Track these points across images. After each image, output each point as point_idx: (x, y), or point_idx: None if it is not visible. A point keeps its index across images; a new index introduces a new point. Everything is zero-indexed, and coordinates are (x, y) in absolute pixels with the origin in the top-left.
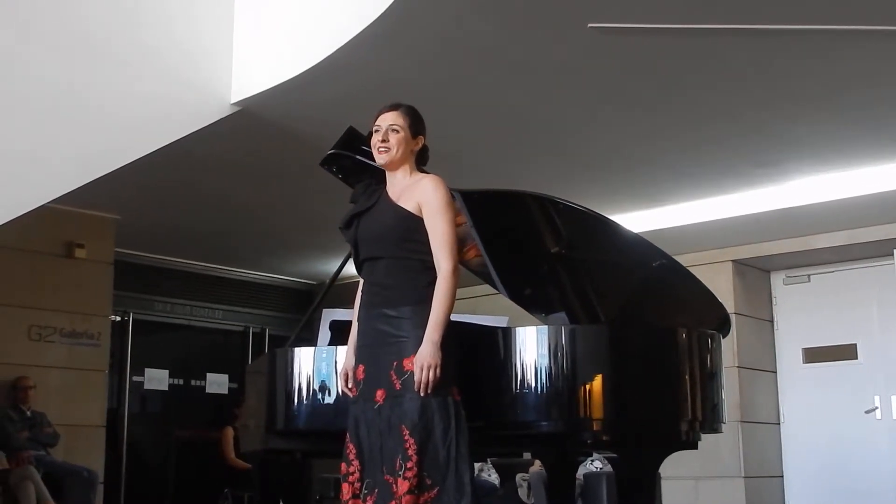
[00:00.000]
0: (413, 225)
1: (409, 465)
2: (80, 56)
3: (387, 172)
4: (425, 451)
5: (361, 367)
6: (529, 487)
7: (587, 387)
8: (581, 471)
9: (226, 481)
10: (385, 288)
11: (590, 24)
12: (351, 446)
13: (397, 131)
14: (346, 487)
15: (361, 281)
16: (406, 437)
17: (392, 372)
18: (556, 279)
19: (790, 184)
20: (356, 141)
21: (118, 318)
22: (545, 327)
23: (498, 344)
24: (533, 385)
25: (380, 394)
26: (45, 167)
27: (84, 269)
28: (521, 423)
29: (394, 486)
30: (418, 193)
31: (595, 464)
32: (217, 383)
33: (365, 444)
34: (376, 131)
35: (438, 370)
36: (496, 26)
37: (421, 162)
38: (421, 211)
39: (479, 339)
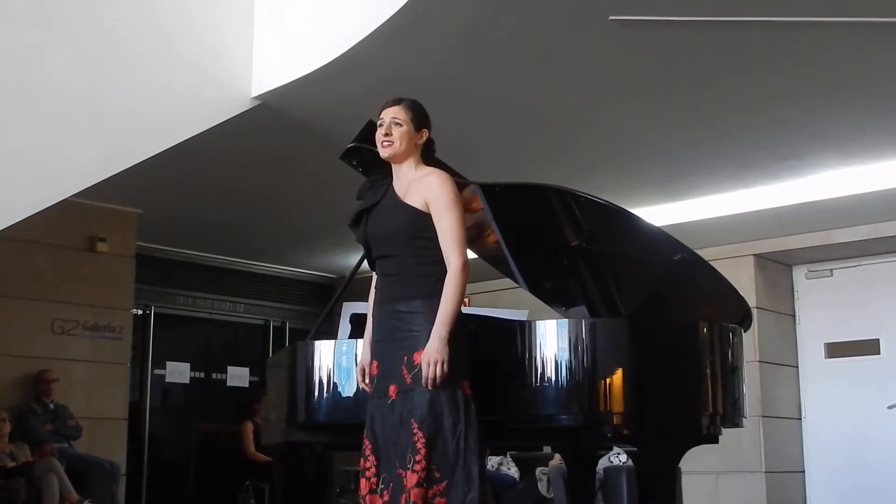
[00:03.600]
0: (422, 223)
1: (417, 458)
2: (100, 52)
3: (392, 166)
4: (434, 444)
5: (375, 363)
6: (549, 481)
7: (607, 381)
8: (601, 465)
9: (246, 474)
10: (397, 283)
11: (611, 17)
12: (367, 442)
13: (400, 125)
14: (363, 483)
15: (375, 276)
16: (415, 431)
17: (403, 367)
18: (576, 273)
19: (812, 177)
20: (376, 134)
21: (140, 312)
22: (565, 321)
23: (518, 338)
24: (553, 379)
25: (392, 389)
26: (67, 162)
27: (106, 262)
28: (541, 416)
29: (405, 479)
30: (424, 190)
31: (619, 457)
32: (238, 376)
33: (381, 440)
34: (380, 125)
35: (445, 366)
36: (516, 20)
37: (427, 156)
38: (428, 207)
39: (499, 332)
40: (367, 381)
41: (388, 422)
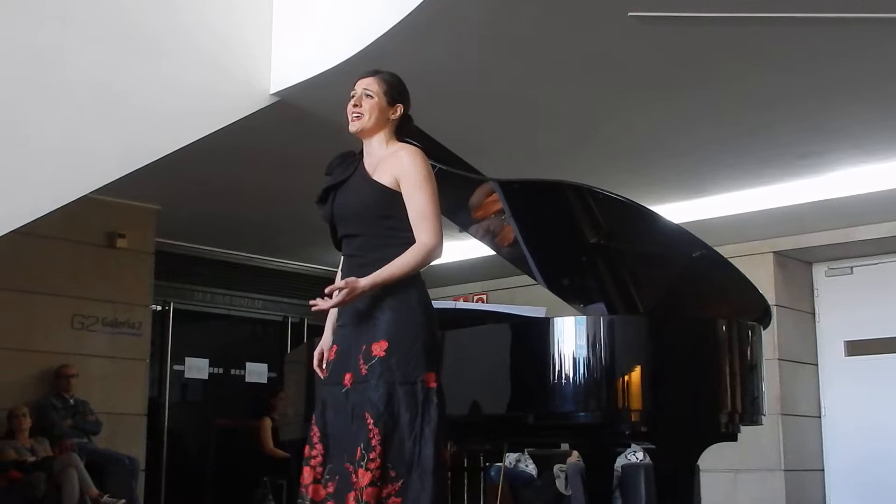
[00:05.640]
0: (391, 201)
1: (371, 455)
2: (120, 48)
3: (363, 141)
4: (390, 442)
5: (335, 348)
6: (567, 478)
7: (625, 378)
8: (619, 462)
9: (264, 469)
10: (363, 266)
11: (630, 13)
12: (315, 429)
13: (371, 96)
14: (307, 471)
15: (342, 259)
16: (370, 427)
17: (361, 356)
18: (594, 270)
19: (832, 174)
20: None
21: (159, 308)
22: (584, 318)
23: (536, 335)
24: (571, 376)
25: (348, 377)
26: (87, 158)
27: (125, 258)
28: (558, 413)
29: (353, 476)
30: (395, 166)
31: (636, 455)
32: (256, 373)
33: (330, 429)
34: (351, 97)
35: (347, 297)
36: (534, 16)
37: (403, 133)
38: (398, 185)
39: (517, 329)
40: (323, 366)
41: (340, 410)
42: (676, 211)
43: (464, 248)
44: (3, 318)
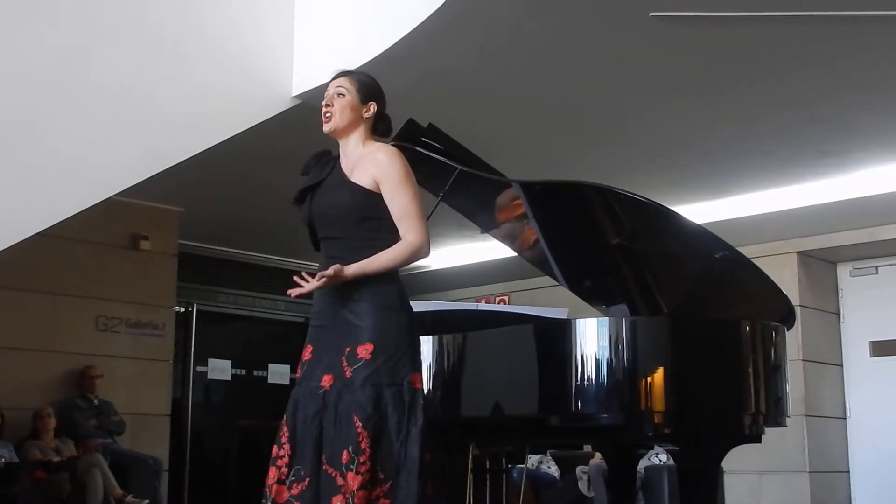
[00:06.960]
0: (371, 203)
1: (361, 458)
2: (143, 52)
3: (339, 142)
4: (379, 443)
5: (310, 348)
6: (589, 480)
7: (648, 379)
8: (642, 464)
9: None
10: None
11: (651, 13)
12: (285, 429)
13: (343, 95)
14: (272, 471)
15: (321, 260)
16: (359, 430)
17: (344, 358)
18: (616, 271)
19: (857, 173)
20: (416, 133)
21: (182, 309)
22: (606, 319)
23: (558, 336)
24: (593, 377)
25: (326, 379)
26: (111, 161)
27: (149, 260)
28: (581, 415)
29: (339, 479)
30: (373, 167)
31: (659, 457)
32: (279, 374)
33: (299, 430)
34: (324, 98)
35: (329, 282)
36: (556, 17)
37: (379, 133)
38: (377, 186)
39: (539, 331)
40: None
41: (310, 411)
42: (700, 211)
43: (485, 250)
44: (28, 320)
